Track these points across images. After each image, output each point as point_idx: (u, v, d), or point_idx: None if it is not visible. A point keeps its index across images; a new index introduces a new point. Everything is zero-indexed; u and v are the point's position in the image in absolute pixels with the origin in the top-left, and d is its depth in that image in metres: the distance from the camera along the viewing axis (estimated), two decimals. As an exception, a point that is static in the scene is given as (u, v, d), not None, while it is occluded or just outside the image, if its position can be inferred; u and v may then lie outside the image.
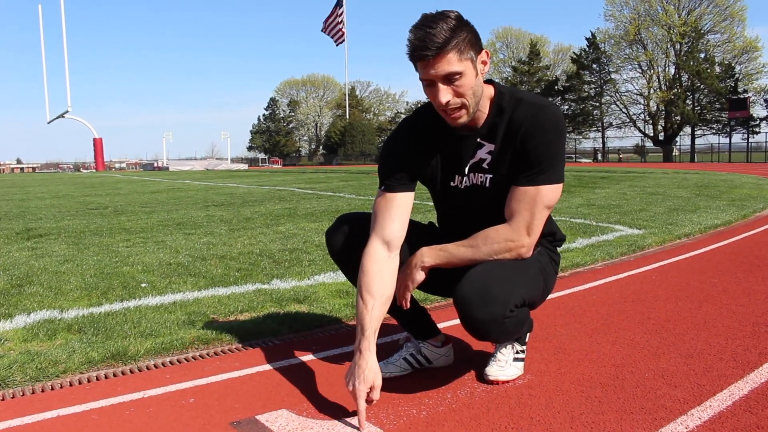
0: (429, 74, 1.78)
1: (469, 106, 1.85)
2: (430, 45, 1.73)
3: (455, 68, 1.76)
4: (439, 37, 1.72)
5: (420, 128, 2.05)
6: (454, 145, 2.01)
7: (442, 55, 1.74)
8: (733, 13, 50.70)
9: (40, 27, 61.49)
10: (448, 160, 2.04)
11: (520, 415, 1.81)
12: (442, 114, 1.88)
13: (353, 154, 63.26)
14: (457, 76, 1.78)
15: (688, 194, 10.01)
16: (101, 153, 61.26)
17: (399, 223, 1.99)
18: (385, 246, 1.96)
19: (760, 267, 3.99)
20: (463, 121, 1.88)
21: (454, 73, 1.77)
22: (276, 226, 6.71)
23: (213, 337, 2.59)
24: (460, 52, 1.76)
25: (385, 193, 2.02)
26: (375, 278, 1.92)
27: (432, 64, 1.76)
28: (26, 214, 8.97)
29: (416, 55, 1.77)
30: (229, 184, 18.36)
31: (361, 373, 1.81)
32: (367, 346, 1.85)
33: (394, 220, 1.98)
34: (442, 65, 1.75)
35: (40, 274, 4.06)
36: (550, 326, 2.73)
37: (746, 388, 1.98)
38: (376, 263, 1.94)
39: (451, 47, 1.74)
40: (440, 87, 1.79)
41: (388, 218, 1.99)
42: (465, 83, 1.80)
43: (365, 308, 1.89)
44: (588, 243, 4.95)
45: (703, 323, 2.73)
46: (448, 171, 2.05)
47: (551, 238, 2.16)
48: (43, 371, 2.22)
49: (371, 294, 1.90)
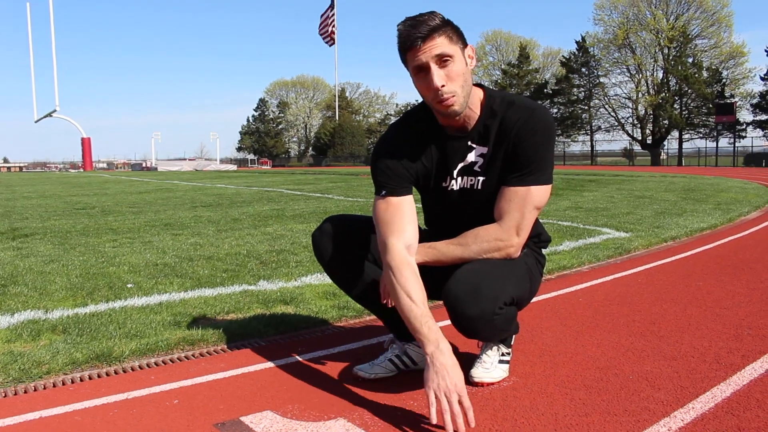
0: (421, 59, 1.80)
1: (460, 94, 1.85)
2: (422, 28, 1.78)
3: (447, 50, 1.80)
4: (430, 22, 1.78)
5: (411, 130, 2.05)
6: (445, 146, 2.02)
7: (433, 37, 1.79)
8: (720, 18, 51.22)
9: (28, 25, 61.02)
10: (439, 162, 2.05)
11: (504, 417, 1.82)
12: (435, 104, 1.87)
13: (342, 156, 63.21)
14: (448, 58, 1.81)
15: (675, 198, 10.09)
16: (89, 153, 60.88)
17: (413, 228, 1.96)
18: (408, 251, 1.93)
19: (744, 270, 4.02)
20: (456, 110, 1.87)
21: (446, 54, 1.80)
22: (264, 227, 6.70)
23: (198, 338, 2.58)
24: (449, 38, 1.81)
25: (389, 198, 1.97)
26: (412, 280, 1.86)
27: (423, 48, 1.79)
28: (12, 213, 8.90)
29: (408, 43, 1.80)
30: (218, 185, 18.30)
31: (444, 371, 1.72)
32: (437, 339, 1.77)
33: (409, 224, 1.96)
34: (435, 47, 1.79)
35: (24, 274, 4.03)
36: (535, 328, 2.74)
37: (729, 390, 1.99)
38: (408, 267, 1.89)
39: (441, 32, 1.79)
40: (434, 70, 1.81)
41: (404, 222, 1.94)
42: (456, 69, 1.83)
43: (415, 305, 1.82)
44: (575, 246, 4.98)
45: (688, 326, 2.75)
46: (440, 172, 2.06)
47: (537, 239, 2.18)
48: (26, 372, 2.20)
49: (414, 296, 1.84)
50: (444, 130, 2.00)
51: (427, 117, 2.02)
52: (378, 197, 2.00)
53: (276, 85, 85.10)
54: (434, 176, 2.07)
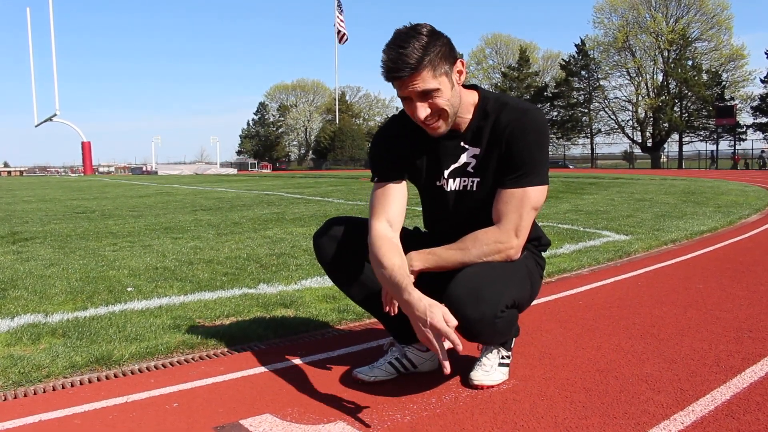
0: (405, 92, 1.83)
1: (447, 116, 1.89)
2: (403, 66, 1.77)
3: (430, 85, 1.81)
4: (412, 57, 1.75)
5: (407, 125, 2.06)
6: (438, 145, 2.04)
7: (416, 74, 1.78)
8: (720, 21, 51.31)
9: (29, 30, 61.11)
10: (431, 160, 2.08)
11: (504, 420, 1.82)
12: (422, 126, 1.92)
13: (343, 159, 63.24)
14: (432, 92, 1.82)
15: (675, 200, 10.09)
16: (89, 157, 60.92)
17: (398, 207, 2.03)
18: (388, 224, 1.99)
19: (744, 273, 4.02)
20: (442, 131, 1.93)
21: (429, 90, 1.81)
22: (264, 230, 6.70)
23: (198, 341, 2.58)
24: (434, 68, 1.80)
25: (379, 183, 2.06)
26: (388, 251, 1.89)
27: (407, 83, 1.80)
28: (12, 217, 8.90)
29: (391, 76, 1.81)
30: (218, 189, 18.31)
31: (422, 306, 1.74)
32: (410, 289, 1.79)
33: (393, 203, 2.03)
34: (417, 84, 1.80)
35: (24, 277, 4.02)
36: (535, 331, 2.74)
37: (728, 393, 1.99)
38: (385, 240, 1.93)
39: (424, 65, 1.78)
40: (417, 104, 1.84)
41: (387, 202, 2.02)
42: (441, 97, 1.85)
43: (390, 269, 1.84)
44: (575, 248, 4.98)
45: (688, 329, 2.75)
46: (432, 170, 2.08)
47: (536, 242, 2.18)
48: (26, 375, 2.20)
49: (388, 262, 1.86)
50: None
51: None
52: (373, 186, 2.08)
53: (276, 88, 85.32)
54: (426, 174, 2.09)
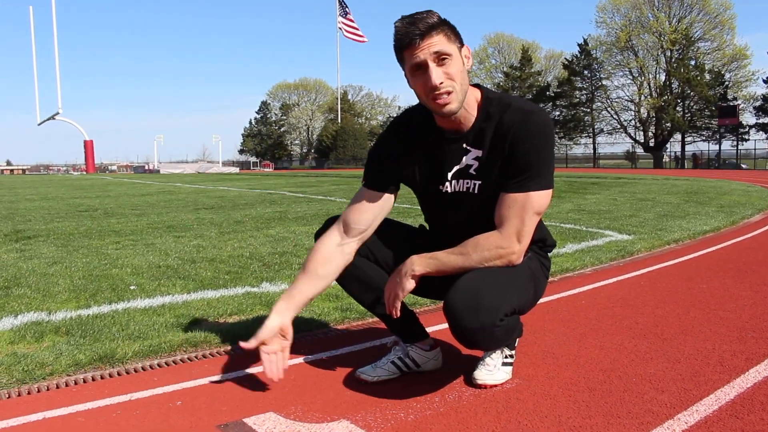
0: (419, 57, 1.80)
1: (458, 91, 1.85)
2: (420, 26, 1.77)
3: (445, 48, 1.80)
4: (428, 20, 1.79)
5: (408, 129, 2.06)
6: (440, 148, 2.01)
7: (431, 35, 1.79)
8: (722, 21, 51.19)
9: (31, 28, 61.09)
10: (432, 164, 2.04)
11: (508, 420, 1.82)
12: (431, 102, 1.86)
13: (345, 158, 63.24)
14: (446, 57, 1.81)
15: (678, 200, 10.07)
16: (92, 155, 60.91)
17: (365, 215, 2.07)
18: (341, 231, 2.07)
19: (747, 273, 4.02)
20: (452, 108, 1.86)
21: (444, 53, 1.80)
22: (266, 229, 6.70)
23: (201, 339, 2.58)
24: (447, 36, 1.82)
25: (362, 188, 2.11)
26: (319, 261, 2.04)
27: (421, 45, 1.78)
28: (15, 215, 8.91)
29: (406, 40, 1.79)
30: (220, 187, 18.32)
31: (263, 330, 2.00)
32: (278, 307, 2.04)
33: (360, 211, 2.08)
34: (433, 45, 1.79)
35: (28, 276, 4.03)
36: (538, 331, 2.74)
37: (732, 393, 1.99)
38: (325, 247, 2.06)
39: (439, 30, 1.80)
40: (432, 67, 1.80)
41: (355, 208, 2.09)
42: (454, 67, 1.83)
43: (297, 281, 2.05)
44: (578, 248, 4.97)
45: (691, 328, 2.75)
46: (433, 174, 2.05)
47: (542, 243, 2.15)
48: (29, 373, 2.20)
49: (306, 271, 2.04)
50: (440, 131, 2.00)
51: (425, 117, 2.02)
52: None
53: (278, 87, 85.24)
54: (429, 178, 2.06)
